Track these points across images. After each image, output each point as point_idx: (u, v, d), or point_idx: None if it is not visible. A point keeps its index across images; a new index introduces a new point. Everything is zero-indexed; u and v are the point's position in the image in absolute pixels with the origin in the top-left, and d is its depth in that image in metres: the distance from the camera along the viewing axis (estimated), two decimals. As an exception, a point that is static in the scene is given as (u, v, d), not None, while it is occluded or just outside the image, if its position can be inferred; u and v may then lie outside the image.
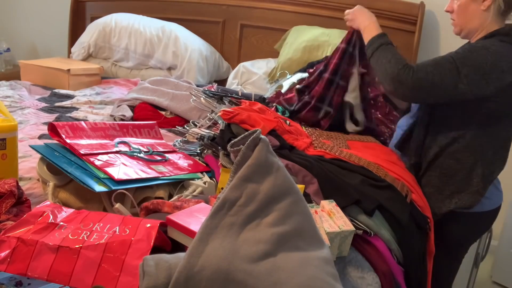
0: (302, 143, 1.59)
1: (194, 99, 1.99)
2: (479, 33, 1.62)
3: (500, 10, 1.56)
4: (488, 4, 1.56)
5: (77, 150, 1.34)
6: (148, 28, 3.00)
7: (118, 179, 1.26)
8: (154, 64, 2.99)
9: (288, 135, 1.59)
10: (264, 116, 1.60)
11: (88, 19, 3.41)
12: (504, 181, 1.72)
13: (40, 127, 1.95)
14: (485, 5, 1.57)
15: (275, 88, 2.50)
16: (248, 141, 0.88)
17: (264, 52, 3.06)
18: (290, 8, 2.97)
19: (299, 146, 1.57)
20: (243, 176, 0.86)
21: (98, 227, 0.98)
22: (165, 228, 1.04)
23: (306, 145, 1.58)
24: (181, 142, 1.74)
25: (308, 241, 0.87)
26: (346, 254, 1.22)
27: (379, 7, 2.75)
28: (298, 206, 0.89)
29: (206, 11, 3.17)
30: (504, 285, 2.64)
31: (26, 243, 0.94)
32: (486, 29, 1.59)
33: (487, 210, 1.67)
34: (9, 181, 1.16)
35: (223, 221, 0.83)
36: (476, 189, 1.61)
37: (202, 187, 1.36)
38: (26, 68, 2.79)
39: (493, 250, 2.60)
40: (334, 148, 1.62)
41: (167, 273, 0.79)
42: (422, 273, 1.47)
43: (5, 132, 1.28)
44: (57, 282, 0.90)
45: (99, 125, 1.52)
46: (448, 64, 1.49)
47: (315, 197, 1.34)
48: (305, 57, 2.60)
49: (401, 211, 1.38)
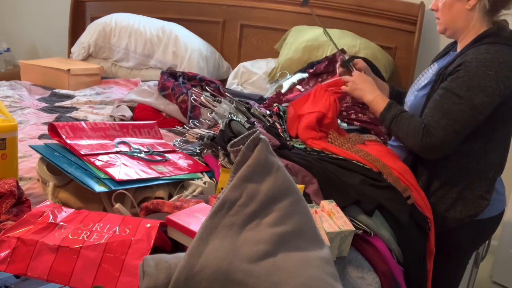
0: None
1: (193, 97, 1.99)
2: (465, 34, 1.59)
3: (485, 10, 1.53)
4: (473, 4, 1.53)
5: (78, 150, 1.34)
6: (148, 28, 3.00)
7: (119, 179, 1.26)
8: (154, 64, 2.98)
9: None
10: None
11: (88, 19, 3.41)
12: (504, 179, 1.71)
13: (40, 127, 1.95)
14: (470, 4, 1.54)
15: (275, 88, 2.50)
16: (248, 141, 0.88)
17: (264, 52, 3.06)
18: (290, 8, 2.97)
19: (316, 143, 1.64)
20: (243, 176, 0.86)
21: (98, 227, 0.98)
22: (165, 228, 1.04)
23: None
24: (180, 142, 1.74)
25: (308, 241, 0.87)
26: (346, 254, 1.22)
27: (379, 7, 2.75)
28: (298, 206, 0.89)
29: (206, 11, 3.17)
30: (504, 285, 2.64)
31: (26, 243, 0.94)
32: (473, 30, 1.57)
33: (492, 216, 1.65)
34: (9, 181, 1.16)
35: (223, 221, 0.83)
36: (479, 194, 1.60)
37: (202, 187, 1.36)
38: (26, 68, 2.79)
39: (493, 250, 2.60)
40: (345, 144, 1.63)
41: (167, 273, 0.79)
42: (422, 273, 1.47)
43: (5, 132, 1.28)
44: (57, 282, 0.90)
45: (99, 125, 1.52)
46: (457, 107, 1.47)
47: (315, 197, 1.34)
48: (305, 57, 2.60)
49: (401, 211, 1.38)
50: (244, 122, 1.71)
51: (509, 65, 1.47)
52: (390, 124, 1.62)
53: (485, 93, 1.45)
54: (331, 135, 1.67)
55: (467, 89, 1.46)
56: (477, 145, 1.56)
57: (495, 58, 1.46)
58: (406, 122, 1.57)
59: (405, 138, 1.59)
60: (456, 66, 1.51)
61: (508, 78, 1.46)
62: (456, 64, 1.52)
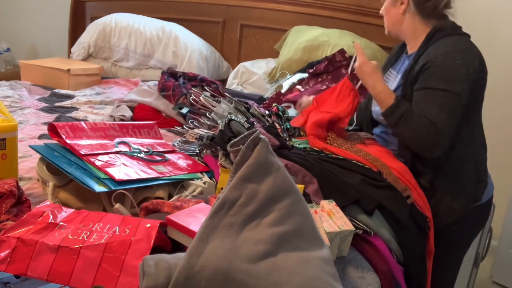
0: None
1: (192, 97, 1.99)
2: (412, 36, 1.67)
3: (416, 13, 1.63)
4: (404, 8, 1.65)
5: (78, 150, 1.34)
6: (148, 28, 3.00)
7: (119, 179, 1.27)
8: (154, 64, 2.99)
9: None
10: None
11: (88, 19, 3.41)
12: (503, 179, 1.72)
13: (40, 127, 1.95)
14: (402, 9, 1.66)
15: (275, 88, 2.50)
16: (247, 141, 0.88)
17: (264, 52, 3.06)
18: (290, 8, 2.97)
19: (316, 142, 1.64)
20: (243, 176, 0.86)
21: (98, 227, 0.98)
22: (165, 228, 1.04)
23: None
24: (180, 142, 1.74)
25: (308, 241, 0.87)
26: (346, 254, 1.22)
27: (379, 7, 2.75)
28: (298, 206, 0.89)
29: (206, 11, 3.17)
30: (504, 285, 2.64)
31: (26, 243, 0.94)
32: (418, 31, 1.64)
33: (488, 199, 1.69)
34: (9, 181, 1.16)
35: (223, 221, 0.83)
36: (476, 177, 1.64)
37: (201, 187, 1.36)
38: (26, 68, 2.80)
39: (493, 250, 2.60)
40: (344, 144, 1.63)
41: (167, 273, 0.79)
42: (422, 272, 1.47)
43: (5, 132, 1.28)
44: (57, 282, 0.90)
45: (99, 125, 1.52)
46: (446, 99, 1.51)
47: (315, 197, 1.34)
48: (305, 57, 2.60)
49: (400, 211, 1.38)
50: (243, 122, 1.71)
51: (469, 51, 1.55)
52: (399, 120, 1.55)
53: (461, 80, 1.51)
54: (330, 137, 1.66)
55: (445, 81, 1.51)
56: (462, 131, 1.59)
57: (456, 48, 1.54)
58: (415, 119, 1.53)
59: (415, 136, 1.54)
60: (423, 65, 1.55)
61: (472, 63, 1.53)
62: (422, 63, 1.56)
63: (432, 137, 1.51)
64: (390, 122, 1.59)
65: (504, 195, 2.48)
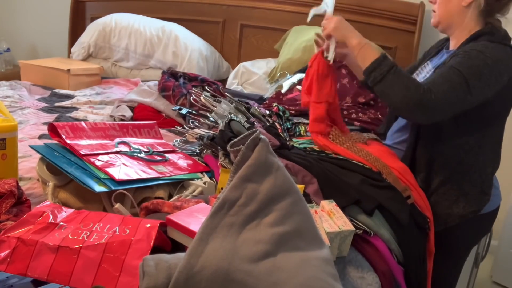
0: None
1: (193, 97, 1.99)
2: (459, 31, 1.61)
3: (480, 9, 1.56)
4: (469, 1, 1.56)
5: (78, 150, 1.34)
6: (148, 28, 3.00)
7: (119, 179, 1.26)
8: (154, 64, 2.99)
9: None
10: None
11: (88, 19, 3.41)
12: (504, 181, 1.72)
13: (40, 127, 1.95)
14: (466, 2, 1.56)
15: (275, 88, 2.50)
16: (248, 141, 0.88)
17: (264, 52, 3.06)
18: (290, 8, 2.97)
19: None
20: (243, 176, 0.86)
21: (98, 227, 0.98)
22: (165, 228, 1.04)
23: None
24: (180, 142, 1.74)
25: (308, 241, 0.87)
26: (346, 254, 1.22)
27: (379, 7, 2.75)
28: (298, 206, 0.89)
29: (206, 11, 3.17)
30: (504, 285, 2.64)
31: (26, 243, 0.94)
32: (467, 28, 1.59)
33: (491, 211, 1.67)
34: (9, 181, 1.16)
35: (223, 221, 0.83)
36: (480, 189, 1.61)
37: (202, 187, 1.36)
38: (26, 68, 2.80)
39: (493, 250, 2.60)
40: (346, 142, 1.62)
41: (167, 273, 0.79)
42: (422, 272, 1.47)
43: (5, 132, 1.28)
44: (57, 282, 0.90)
45: (99, 125, 1.52)
46: (457, 78, 1.45)
47: (315, 197, 1.34)
48: (305, 57, 2.60)
49: (401, 211, 1.38)
50: (243, 122, 1.71)
51: (505, 63, 1.49)
52: (387, 72, 1.46)
53: (478, 77, 1.45)
54: (333, 132, 1.65)
55: (467, 68, 1.45)
56: (472, 140, 1.58)
57: (493, 53, 1.48)
58: (406, 75, 1.47)
59: (403, 90, 1.42)
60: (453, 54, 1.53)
61: (501, 75, 1.48)
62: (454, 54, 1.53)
63: (421, 95, 1.40)
64: (376, 77, 1.47)
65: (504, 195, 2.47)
